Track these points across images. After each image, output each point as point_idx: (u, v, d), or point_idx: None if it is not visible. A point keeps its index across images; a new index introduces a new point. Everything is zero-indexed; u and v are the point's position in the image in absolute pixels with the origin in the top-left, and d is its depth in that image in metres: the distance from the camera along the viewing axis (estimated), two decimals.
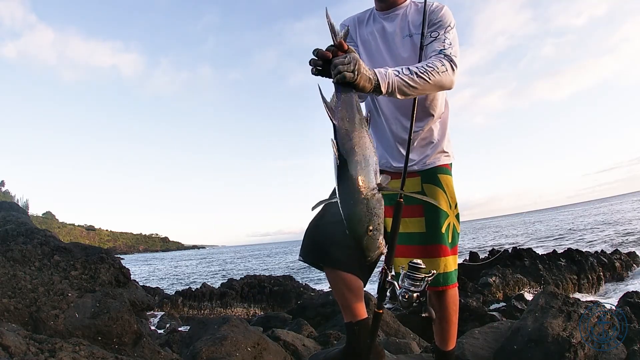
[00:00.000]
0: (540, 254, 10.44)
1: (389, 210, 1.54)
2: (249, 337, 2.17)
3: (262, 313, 10.11)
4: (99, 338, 2.10)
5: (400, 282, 1.32)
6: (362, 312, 1.63)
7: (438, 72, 1.31)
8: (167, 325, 7.87)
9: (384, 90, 1.20)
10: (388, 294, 1.38)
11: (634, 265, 11.20)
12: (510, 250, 10.64)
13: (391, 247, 1.39)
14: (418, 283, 1.29)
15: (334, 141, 1.11)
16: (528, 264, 9.43)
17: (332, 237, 1.54)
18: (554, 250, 10.94)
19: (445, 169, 1.60)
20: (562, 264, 9.69)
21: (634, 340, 2.15)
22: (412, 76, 1.26)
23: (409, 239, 1.54)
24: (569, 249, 10.72)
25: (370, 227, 1.09)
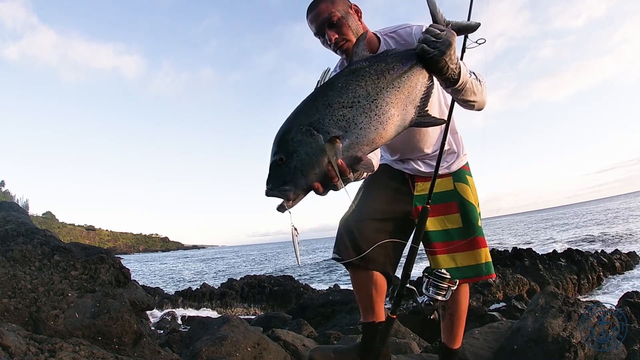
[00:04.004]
0: (540, 254, 10.43)
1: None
2: (249, 337, 2.16)
3: (262, 313, 10.11)
4: (99, 338, 2.10)
5: (424, 290, 1.35)
6: (383, 313, 1.64)
7: (485, 88, 1.28)
8: (167, 325, 7.86)
9: (458, 85, 1.15)
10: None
11: (634, 264, 11.20)
12: (510, 250, 10.63)
13: (413, 251, 1.43)
14: (444, 292, 1.32)
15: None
16: (528, 264, 9.43)
17: (368, 235, 1.55)
18: (554, 250, 10.94)
19: (469, 172, 1.66)
20: (562, 264, 9.69)
21: (634, 340, 2.14)
22: (477, 83, 1.23)
23: (448, 236, 1.56)
24: (569, 249, 10.72)
25: (277, 157, 1.00)
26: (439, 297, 1.31)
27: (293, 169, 0.98)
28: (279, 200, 1.02)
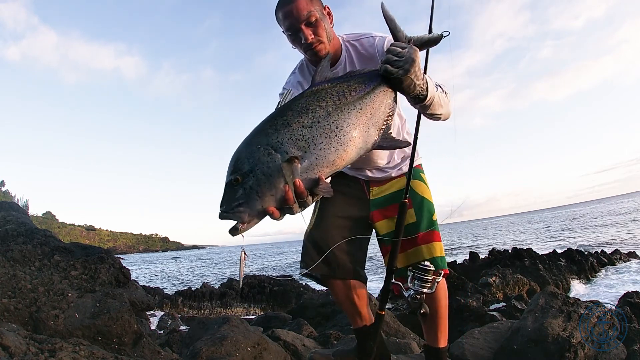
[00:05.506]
0: (540, 254, 10.43)
1: (384, 213, 1.57)
2: (249, 337, 2.16)
3: (262, 313, 10.11)
4: (99, 338, 2.09)
5: (409, 284, 1.35)
6: (371, 315, 1.64)
7: (450, 100, 1.26)
8: (167, 325, 7.86)
9: (426, 101, 1.12)
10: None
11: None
12: (510, 250, 10.63)
13: (394, 249, 1.43)
14: (429, 285, 1.32)
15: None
16: (528, 264, 9.42)
17: (333, 243, 1.53)
18: (554, 250, 10.94)
19: (422, 170, 1.65)
20: (562, 264, 9.69)
21: (634, 340, 2.14)
22: (444, 95, 1.21)
23: (405, 232, 1.53)
24: (569, 249, 10.72)
25: (233, 177, 0.96)
26: (425, 290, 1.32)
27: (248, 190, 0.94)
28: (233, 222, 0.97)
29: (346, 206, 1.61)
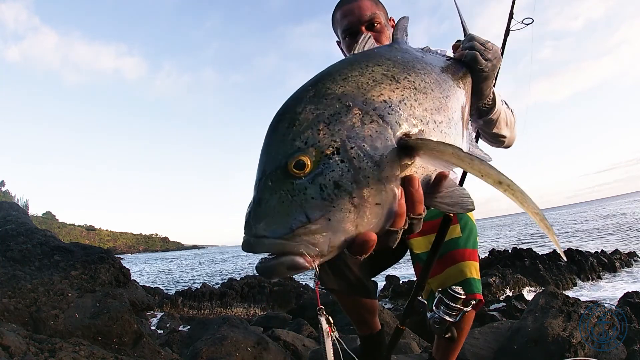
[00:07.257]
0: (540, 254, 10.44)
1: (422, 228, 1.43)
2: (249, 337, 2.16)
3: (262, 313, 10.11)
4: (99, 338, 2.09)
5: (434, 307, 1.21)
6: (378, 323, 1.61)
7: (516, 121, 1.08)
8: (167, 325, 7.85)
9: (492, 113, 0.94)
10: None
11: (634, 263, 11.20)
12: (510, 250, 10.64)
13: (428, 265, 1.28)
14: (454, 313, 1.18)
15: None
16: (528, 264, 9.43)
17: (348, 259, 1.46)
18: (554, 250, 10.94)
19: None
20: (562, 264, 9.69)
21: (634, 340, 2.14)
22: (510, 112, 1.02)
23: (445, 247, 1.41)
24: (569, 249, 10.72)
25: (291, 160, 0.47)
26: (448, 318, 1.17)
27: (331, 190, 0.45)
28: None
29: None
